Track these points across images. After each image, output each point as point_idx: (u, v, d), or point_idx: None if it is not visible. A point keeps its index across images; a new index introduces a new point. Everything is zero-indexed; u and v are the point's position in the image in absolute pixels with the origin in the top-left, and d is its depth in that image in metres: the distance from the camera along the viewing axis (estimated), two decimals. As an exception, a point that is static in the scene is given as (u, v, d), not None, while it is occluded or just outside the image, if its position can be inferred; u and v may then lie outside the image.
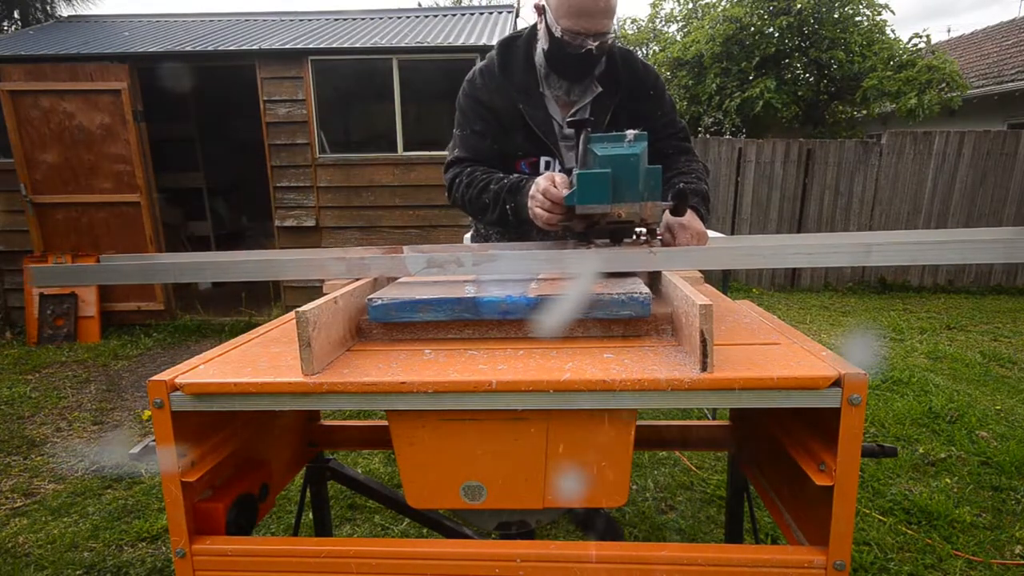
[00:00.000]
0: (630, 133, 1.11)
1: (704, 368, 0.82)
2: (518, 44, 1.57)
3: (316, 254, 1.36)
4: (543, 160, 1.58)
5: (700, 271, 1.27)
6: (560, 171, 1.54)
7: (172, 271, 1.17)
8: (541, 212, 1.25)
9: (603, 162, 1.10)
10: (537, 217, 1.27)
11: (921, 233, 1.30)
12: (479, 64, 1.62)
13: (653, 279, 1.23)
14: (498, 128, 1.56)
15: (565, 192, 1.17)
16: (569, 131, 1.57)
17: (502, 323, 1.02)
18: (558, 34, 1.40)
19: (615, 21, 1.43)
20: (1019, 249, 0.99)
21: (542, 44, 1.50)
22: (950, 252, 1.03)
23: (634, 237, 1.24)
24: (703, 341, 0.81)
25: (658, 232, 1.32)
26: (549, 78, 1.54)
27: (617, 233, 1.18)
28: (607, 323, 1.01)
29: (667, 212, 1.33)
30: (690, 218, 1.32)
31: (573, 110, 1.57)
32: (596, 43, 1.39)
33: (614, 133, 1.14)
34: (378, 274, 1.20)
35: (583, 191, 1.09)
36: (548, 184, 1.23)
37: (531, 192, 1.29)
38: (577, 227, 1.22)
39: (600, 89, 1.55)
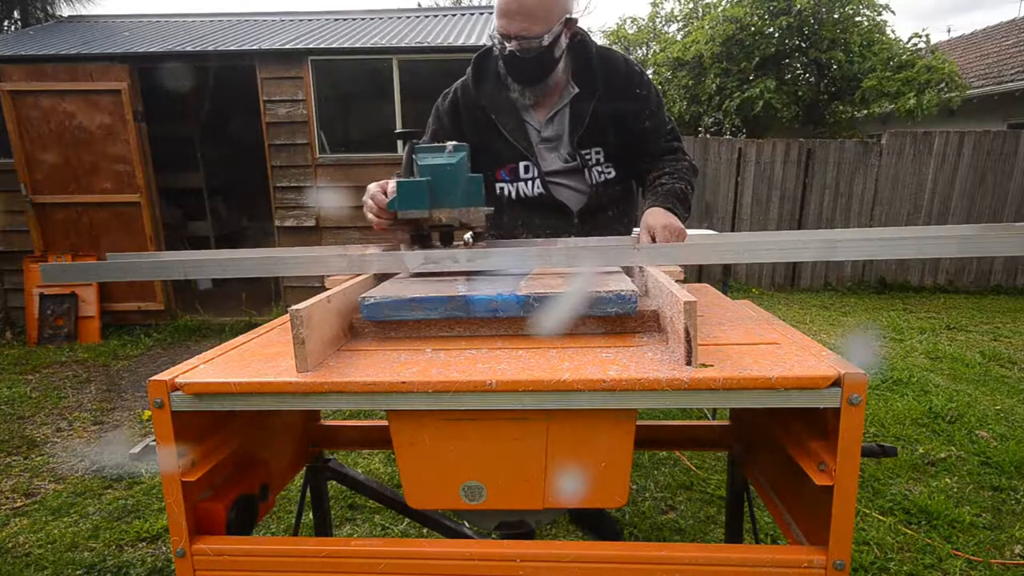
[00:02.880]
0: (450, 144, 1.21)
1: (689, 363, 0.83)
2: (492, 55, 1.60)
3: (317, 251, 1.39)
4: (521, 164, 1.60)
5: (681, 267, 1.32)
6: (539, 174, 1.57)
7: (178, 268, 1.19)
8: (371, 216, 1.32)
9: (423, 171, 1.19)
10: (370, 221, 1.34)
11: (882, 230, 1.38)
12: (460, 79, 1.66)
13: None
14: (475, 139, 1.58)
15: (389, 199, 1.23)
16: (547, 133, 1.59)
17: (493, 321, 1.03)
18: (492, 34, 1.44)
19: (546, 27, 1.41)
20: (971, 245, 1.06)
21: None
22: (907, 247, 1.10)
23: (465, 240, 1.29)
24: (687, 337, 0.82)
25: (639, 232, 1.39)
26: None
27: (445, 236, 1.27)
28: (594, 320, 1.01)
29: (646, 212, 1.42)
30: (668, 217, 1.38)
31: (551, 113, 1.58)
32: (516, 45, 1.41)
33: (437, 144, 1.23)
34: (377, 271, 1.22)
35: (402, 197, 1.18)
36: (377, 190, 1.30)
37: (364, 198, 1.34)
38: (405, 230, 1.29)
39: (577, 90, 1.55)
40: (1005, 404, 3.25)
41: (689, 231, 1.41)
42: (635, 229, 1.72)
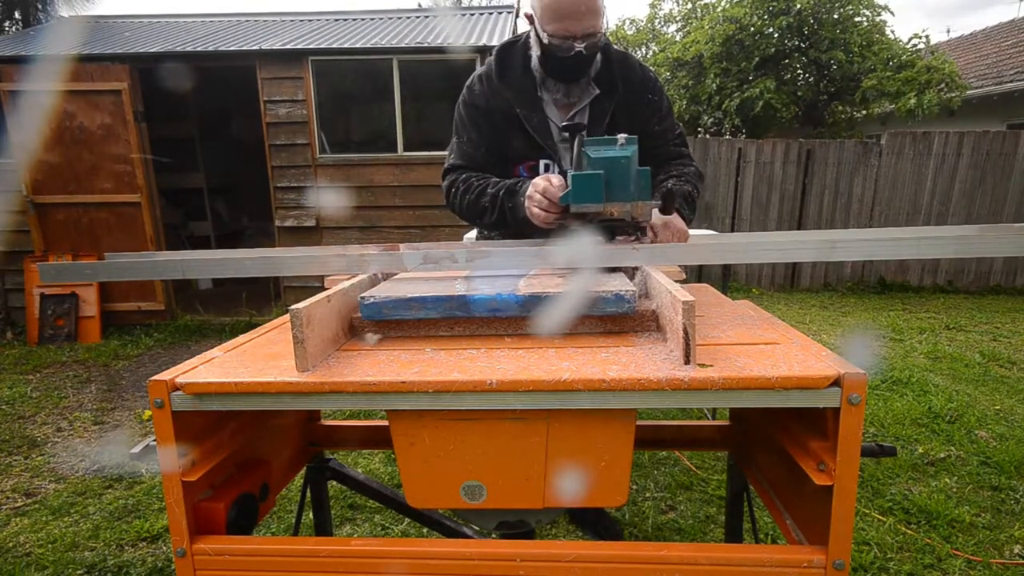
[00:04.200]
0: (621, 137, 1.18)
1: (688, 362, 0.83)
2: (516, 49, 1.60)
3: (317, 251, 1.39)
4: (542, 163, 1.60)
5: (681, 267, 1.33)
6: (560, 173, 1.57)
7: (176, 268, 1.19)
8: (539, 211, 1.30)
9: (596, 164, 1.16)
10: (535, 216, 1.32)
11: (881, 231, 1.39)
12: (479, 70, 1.64)
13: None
14: (496, 133, 1.58)
15: (561, 192, 1.22)
16: (567, 133, 1.59)
17: (492, 320, 1.03)
18: (546, 40, 1.42)
19: (604, 20, 1.43)
20: (968, 245, 1.07)
21: (535, 51, 1.53)
22: (905, 248, 1.11)
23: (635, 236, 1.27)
24: (686, 336, 0.83)
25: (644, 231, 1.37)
26: (546, 82, 1.56)
27: (608, 231, 1.23)
28: (593, 320, 1.02)
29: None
30: (672, 217, 1.37)
31: (571, 112, 1.58)
32: (584, 44, 1.40)
33: (607, 136, 1.20)
34: (377, 270, 1.22)
35: (578, 191, 1.16)
36: (546, 184, 1.28)
37: (528, 192, 1.33)
38: (571, 225, 1.27)
39: (598, 91, 1.56)
40: (1005, 404, 3.25)
41: (689, 231, 1.42)
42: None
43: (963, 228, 1.32)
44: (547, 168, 1.59)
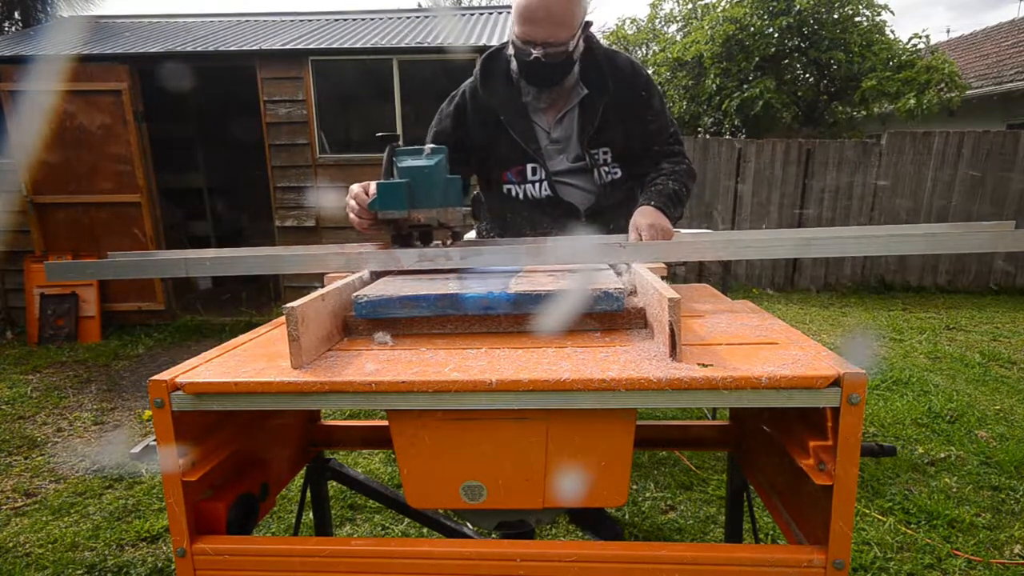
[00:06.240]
0: (427, 147, 1.25)
1: (673, 357, 0.85)
2: (501, 56, 1.60)
3: (316, 249, 1.41)
4: (529, 167, 1.60)
5: (668, 264, 1.35)
6: (546, 176, 1.58)
7: (181, 266, 1.20)
8: (353, 217, 1.34)
9: (403, 173, 1.23)
10: (351, 221, 1.35)
11: (852, 229, 1.43)
12: (467, 81, 1.65)
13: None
14: (484, 141, 1.59)
15: (370, 200, 1.26)
16: (556, 135, 1.59)
17: (484, 318, 1.03)
18: (514, 41, 1.44)
19: (572, 34, 1.42)
20: (937, 243, 1.09)
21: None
22: (876, 245, 1.15)
23: (446, 240, 1.33)
24: (672, 332, 0.84)
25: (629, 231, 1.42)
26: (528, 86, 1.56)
27: (424, 236, 1.31)
28: (584, 317, 1.02)
29: (636, 211, 1.44)
30: (656, 216, 1.40)
31: (559, 114, 1.58)
32: (542, 52, 1.40)
33: (416, 147, 1.27)
34: (374, 268, 1.23)
35: (382, 199, 1.23)
36: (360, 191, 1.32)
37: (347, 199, 1.35)
38: (386, 230, 1.32)
39: (586, 91, 1.56)
40: (1005, 404, 3.25)
41: (685, 231, 1.43)
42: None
43: (933, 226, 1.35)
44: (533, 172, 1.60)
